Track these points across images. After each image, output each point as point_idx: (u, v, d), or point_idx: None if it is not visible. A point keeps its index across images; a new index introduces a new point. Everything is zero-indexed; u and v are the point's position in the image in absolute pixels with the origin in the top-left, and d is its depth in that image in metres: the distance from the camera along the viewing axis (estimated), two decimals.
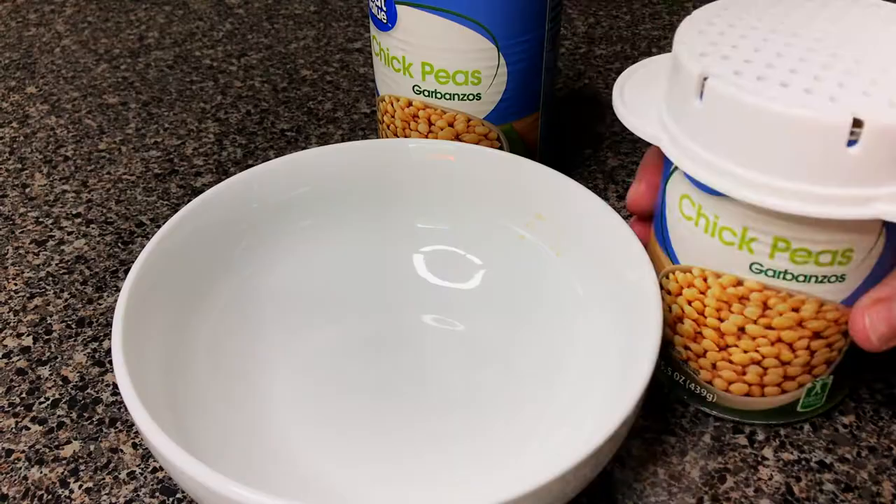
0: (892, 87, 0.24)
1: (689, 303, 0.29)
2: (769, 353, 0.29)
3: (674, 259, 0.29)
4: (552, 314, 0.33)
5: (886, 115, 0.23)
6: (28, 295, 0.38)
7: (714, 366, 0.30)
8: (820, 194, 0.24)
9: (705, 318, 0.29)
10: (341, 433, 0.30)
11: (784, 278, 0.27)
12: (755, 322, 0.28)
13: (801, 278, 0.27)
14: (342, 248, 0.36)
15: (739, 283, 0.28)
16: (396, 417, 0.31)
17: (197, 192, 0.44)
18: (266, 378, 0.31)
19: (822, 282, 0.27)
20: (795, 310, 0.27)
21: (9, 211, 0.43)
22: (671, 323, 0.31)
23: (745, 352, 0.29)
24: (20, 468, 0.30)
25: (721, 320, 0.29)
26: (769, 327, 0.28)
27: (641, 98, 0.29)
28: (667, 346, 0.31)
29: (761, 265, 0.27)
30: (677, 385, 0.32)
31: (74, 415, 0.32)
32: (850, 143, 0.23)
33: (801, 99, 0.24)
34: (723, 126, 0.25)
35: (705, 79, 0.25)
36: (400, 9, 0.35)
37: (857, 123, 0.23)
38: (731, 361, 0.29)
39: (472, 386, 0.32)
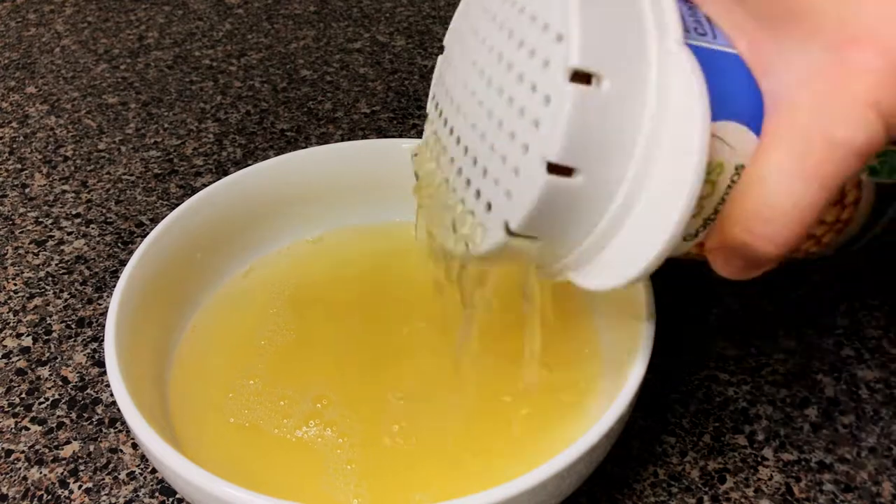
0: None
1: None
2: None
3: None
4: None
5: None
6: (28, 295, 0.38)
7: None
8: None
9: None
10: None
11: None
12: None
13: None
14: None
15: None
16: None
17: (197, 192, 0.44)
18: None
19: None
20: None
21: (8, 211, 0.43)
22: None
23: None
24: (20, 468, 0.30)
25: None
26: None
27: None
28: None
29: None
30: None
31: (74, 415, 0.32)
32: None
33: None
34: None
35: None
36: None
37: None
38: None
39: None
